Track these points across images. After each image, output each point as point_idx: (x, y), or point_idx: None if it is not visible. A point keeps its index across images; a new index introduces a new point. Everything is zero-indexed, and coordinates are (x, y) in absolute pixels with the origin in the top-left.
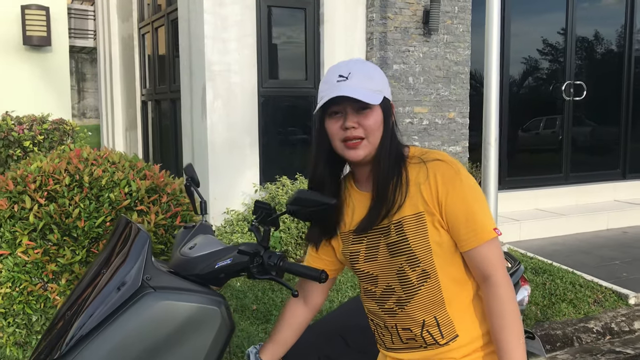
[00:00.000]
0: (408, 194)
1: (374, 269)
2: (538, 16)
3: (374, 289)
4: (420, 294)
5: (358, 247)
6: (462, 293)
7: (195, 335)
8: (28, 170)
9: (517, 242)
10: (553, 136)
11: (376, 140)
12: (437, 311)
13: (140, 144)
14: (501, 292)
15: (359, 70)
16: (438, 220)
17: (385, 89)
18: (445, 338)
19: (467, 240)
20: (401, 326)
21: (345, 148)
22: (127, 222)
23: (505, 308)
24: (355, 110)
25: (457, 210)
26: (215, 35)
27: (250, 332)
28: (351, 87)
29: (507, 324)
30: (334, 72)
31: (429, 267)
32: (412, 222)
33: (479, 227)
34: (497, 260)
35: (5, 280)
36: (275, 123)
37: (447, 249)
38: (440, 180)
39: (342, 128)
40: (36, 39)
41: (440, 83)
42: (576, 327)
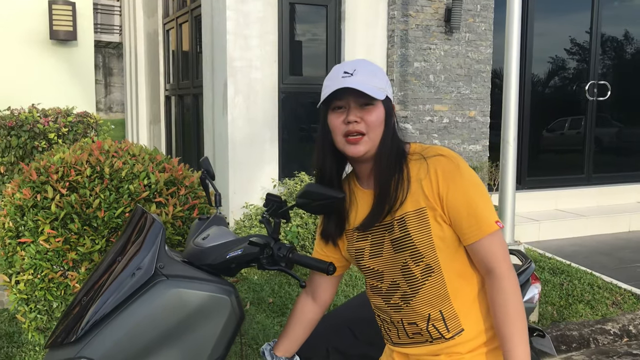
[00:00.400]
0: (409, 190)
1: (379, 265)
2: (562, 15)
3: (379, 285)
4: (425, 289)
5: (363, 244)
6: (467, 287)
7: (205, 323)
8: (51, 161)
9: (536, 242)
10: (575, 136)
11: (377, 137)
12: (442, 305)
13: (164, 138)
14: (504, 284)
15: (364, 68)
16: (440, 214)
17: (388, 89)
18: (451, 332)
19: (470, 233)
20: (407, 321)
21: (346, 143)
22: (142, 212)
23: (508, 300)
24: (358, 105)
25: (458, 204)
26: (237, 31)
27: (266, 324)
28: (356, 81)
29: (510, 317)
30: (338, 69)
31: (432, 262)
32: (414, 218)
33: (481, 220)
34: (500, 253)
35: (28, 267)
36: (295, 119)
37: (451, 243)
38: (441, 174)
39: (344, 122)
40: (62, 34)
41: (461, 81)
42: (593, 328)
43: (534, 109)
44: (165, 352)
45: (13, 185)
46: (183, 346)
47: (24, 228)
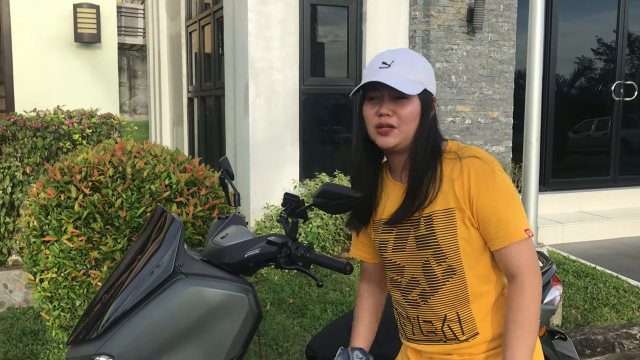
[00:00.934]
0: (441, 189)
1: (400, 259)
2: (588, 15)
3: (399, 279)
4: (445, 289)
5: (387, 236)
6: (488, 292)
7: (223, 321)
8: (74, 161)
9: (560, 245)
10: (601, 137)
11: (410, 130)
12: (460, 307)
13: (186, 139)
14: (525, 289)
15: (403, 60)
16: (468, 217)
17: (427, 82)
18: (466, 334)
19: (497, 239)
20: (423, 318)
21: (377, 134)
22: (162, 211)
23: (525, 305)
24: (392, 98)
25: (488, 208)
26: (259, 33)
27: (286, 325)
28: (391, 75)
29: (522, 321)
30: (378, 58)
31: (455, 264)
32: (441, 217)
33: (509, 227)
34: (527, 261)
35: (52, 266)
36: (316, 120)
37: (476, 246)
38: (474, 177)
39: (377, 114)
40: (87, 36)
41: (483, 82)
42: (618, 332)
43: (558, 109)
44: (183, 349)
45: (38, 185)
46: (201, 343)
47: (48, 227)
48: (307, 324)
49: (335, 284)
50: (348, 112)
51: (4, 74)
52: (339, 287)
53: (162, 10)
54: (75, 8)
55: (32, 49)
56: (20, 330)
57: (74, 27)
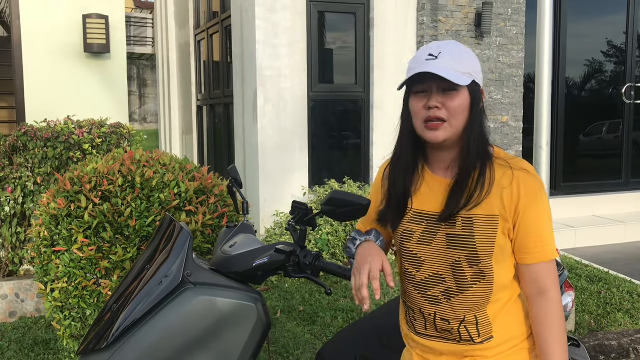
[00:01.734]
0: (490, 193)
1: (423, 253)
2: (597, 17)
3: (414, 273)
4: (472, 291)
5: (415, 227)
6: (504, 298)
7: (232, 330)
8: (84, 171)
9: (572, 250)
10: (612, 140)
11: (459, 124)
12: (479, 311)
13: (196, 147)
14: (554, 307)
15: (450, 51)
16: (509, 228)
17: (476, 74)
18: (481, 337)
19: (534, 254)
20: (440, 316)
21: (426, 129)
22: (170, 220)
23: (557, 322)
24: (440, 90)
25: (531, 223)
26: (267, 41)
27: (297, 333)
28: (439, 66)
29: (558, 339)
30: (424, 50)
31: (486, 269)
32: (484, 222)
33: (547, 246)
34: (555, 278)
35: (62, 275)
36: (325, 127)
37: (507, 255)
38: (524, 190)
39: (425, 107)
40: (96, 47)
41: (492, 86)
42: (633, 338)
43: (568, 112)
44: (192, 359)
45: (48, 195)
46: (210, 353)
47: (59, 237)
48: (317, 332)
49: (346, 291)
50: (357, 119)
51: (15, 85)
52: (349, 294)
53: (171, 19)
54: (85, 19)
55: (43, 60)
56: (32, 339)
57: (83, 38)
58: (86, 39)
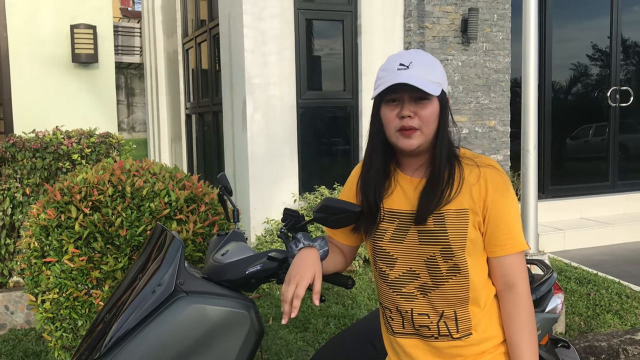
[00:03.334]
0: (460, 191)
1: (395, 251)
2: (581, 21)
3: (387, 272)
4: (448, 285)
5: (388, 225)
6: (484, 295)
7: (225, 338)
8: (74, 181)
9: (561, 252)
10: (599, 143)
11: (430, 132)
12: (458, 306)
13: (185, 155)
14: (522, 301)
15: (421, 61)
16: (479, 221)
17: (444, 83)
18: (460, 333)
19: (503, 246)
20: (418, 311)
21: (400, 137)
22: (162, 229)
23: (526, 317)
24: (413, 99)
25: (499, 216)
26: (255, 49)
27: (289, 340)
28: (412, 75)
29: (526, 332)
30: (394, 60)
31: (461, 263)
32: (454, 217)
33: (515, 238)
34: (523, 271)
35: (53, 287)
36: (314, 134)
37: (479, 250)
38: (491, 185)
39: (398, 116)
40: (84, 57)
41: (479, 91)
42: (622, 338)
43: (555, 116)
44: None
45: (38, 206)
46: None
47: (49, 248)
48: (309, 338)
49: (338, 297)
50: (345, 125)
51: (3, 96)
52: (341, 300)
53: (159, 28)
54: (72, 29)
55: (30, 71)
56: (23, 352)
57: (71, 48)
58: (74, 49)
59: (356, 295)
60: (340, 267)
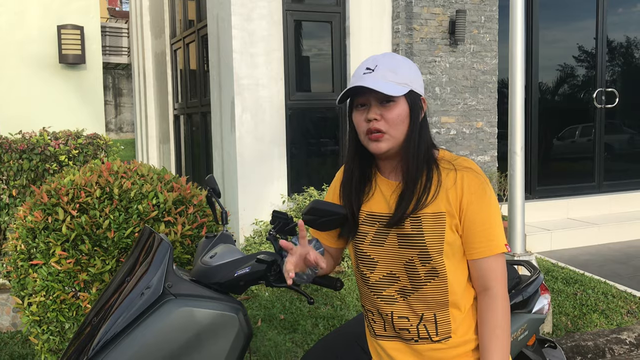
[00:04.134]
0: (437, 195)
1: (376, 254)
2: (568, 23)
3: (368, 275)
4: (427, 289)
5: (368, 229)
6: (465, 298)
7: (214, 341)
8: (61, 183)
9: (548, 252)
10: (585, 144)
11: (399, 134)
12: (438, 309)
13: (173, 156)
14: (498, 304)
15: (386, 63)
16: (456, 224)
17: (413, 83)
18: (439, 336)
19: (480, 249)
20: (398, 314)
21: (369, 140)
22: (150, 232)
23: (499, 320)
24: (379, 102)
25: (476, 218)
26: (244, 50)
27: (278, 341)
28: (373, 78)
29: (497, 335)
30: (363, 64)
31: (439, 266)
32: (431, 220)
33: (493, 240)
34: (501, 274)
35: (40, 289)
36: (303, 135)
37: (457, 252)
38: (467, 188)
39: (365, 120)
40: (71, 57)
41: (467, 93)
42: (608, 338)
43: (542, 117)
44: None
45: (25, 208)
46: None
47: (36, 250)
48: (298, 340)
49: (327, 298)
50: (334, 126)
51: None
52: (330, 301)
53: (147, 28)
54: (59, 29)
55: (17, 72)
56: (9, 355)
57: (58, 49)
58: (61, 49)
59: (345, 297)
60: (329, 269)
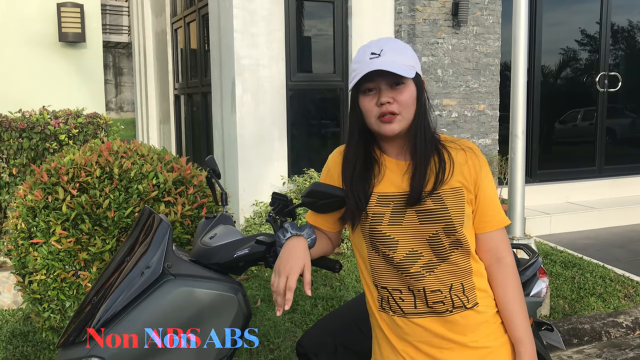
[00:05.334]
0: (453, 172)
1: (396, 233)
2: (572, 6)
3: (392, 255)
4: (451, 259)
5: (383, 209)
6: (482, 269)
7: (213, 321)
8: (61, 162)
9: (547, 236)
10: (586, 128)
11: (410, 115)
12: (464, 278)
13: (173, 136)
14: (511, 271)
15: (391, 47)
16: (471, 198)
17: (416, 65)
18: (470, 303)
19: (492, 221)
20: (430, 289)
21: (381, 124)
22: (150, 212)
23: (517, 286)
24: (389, 85)
25: (487, 194)
26: (244, 29)
27: (277, 321)
28: (385, 62)
29: (519, 300)
30: (365, 50)
31: (461, 237)
32: (452, 195)
33: (501, 213)
34: (509, 245)
35: (40, 268)
36: (303, 116)
37: (470, 224)
38: (479, 164)
39: (377, 104)
40: (71, 36)
41: (469, 75)
42: (605, 321)
43: (544, 101)
44: (173, 350)
45: (25, 187)
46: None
47: (36, 229)
48: (297, 320)
49: (325, 279)
50: (335, 108)
51: None
52: (329, 282)
53: (147, 7)
54: (59, 7)
55: (16, 50)
56: (10, 332)
57: (58, 27)
58: (61, 28)
59: (344, 278)
60: (328, 251)
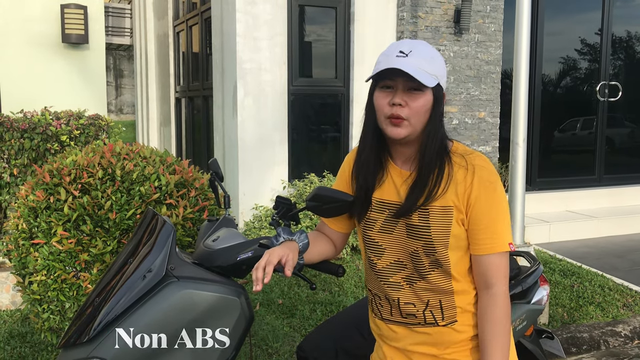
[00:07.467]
0: (447, 189)
1: (384, 241)
2: (573, 15)
3: (375, 261)
4: (431, 277)
5: (378, 216)
6: (469, 288)
7: (215, 324)
8: (63, 163)
9: (546, 244)
10: (586, 137)
11: (419, 124)
12: (443, 296)
13: (174, 139)
14: (500, 302)
15: (421, 51)
16: (462, 218)
17: (441, 77)
18: (445, 320)
19: (483, 245)
20: (404, 300)
21: (389, 124)
22: (153, 214)
23: (500, 317)
24: (406, 88)
25: (482, 214)
26: (247, 33)
27: (276, 325)
28: (409, 64)
29: (498, 332)
30: (395, 47)
31: (442, 259)
32: (439, 213)
33: (497, 238)
34: (503, 273)
35: (41, 268)
36: (305, 121)
37: (462, 245)
38: (477, 183)
39: (389, 104)
40: (74, 37)
41: (470, 82)
42: (603, 330)
43: (544, 109)
44: (175, 352)
45: (26, 187)
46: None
47: (37, 229)
48: (296, 325)
49: (325, 284)
50: (336, 113)
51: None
52: (328, 287)
53: (150, 10)
54: (63, 9)
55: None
56: (8, 332)
57: (61, 28)
58: (64, 29)
59: (343, 283)
60: (329, 255)
